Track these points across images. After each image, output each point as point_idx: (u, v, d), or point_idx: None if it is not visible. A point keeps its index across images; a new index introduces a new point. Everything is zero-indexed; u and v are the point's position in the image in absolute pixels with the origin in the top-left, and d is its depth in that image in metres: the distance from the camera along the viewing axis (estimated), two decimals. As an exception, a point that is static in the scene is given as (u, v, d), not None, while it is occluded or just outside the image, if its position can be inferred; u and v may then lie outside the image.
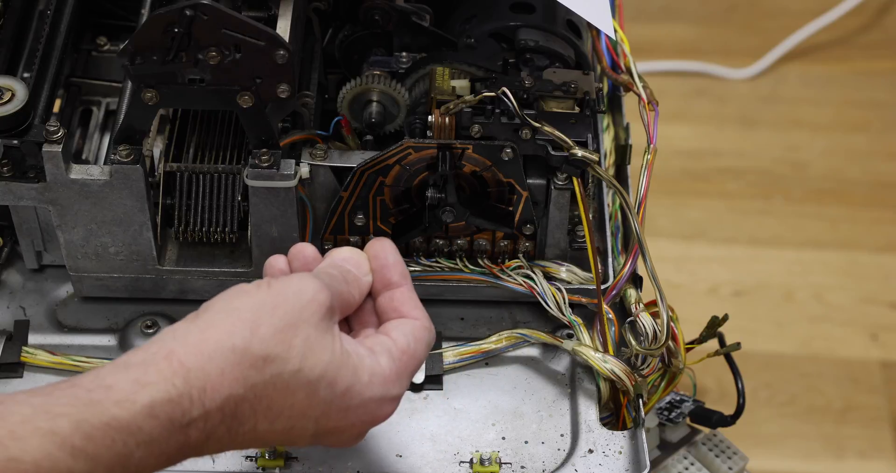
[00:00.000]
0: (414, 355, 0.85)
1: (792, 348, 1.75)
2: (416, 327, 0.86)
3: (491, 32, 1.08)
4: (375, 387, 0.82)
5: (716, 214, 1.89)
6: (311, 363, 0.80)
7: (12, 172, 1.00)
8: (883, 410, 1.69)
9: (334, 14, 1.11)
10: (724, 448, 1.15)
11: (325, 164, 1.02)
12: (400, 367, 0.84)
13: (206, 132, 1.05)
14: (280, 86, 0.97)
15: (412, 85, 1.07)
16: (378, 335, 0.86)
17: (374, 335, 0.86)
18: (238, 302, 0.81)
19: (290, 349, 0.79)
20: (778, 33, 2.08)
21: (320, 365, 0.80)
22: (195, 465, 0.98)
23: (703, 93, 2.04)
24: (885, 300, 1.80)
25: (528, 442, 1.00)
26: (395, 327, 0.86)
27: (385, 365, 0.83)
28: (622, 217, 1.10)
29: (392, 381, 0.83)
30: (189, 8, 0.93)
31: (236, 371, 0.77)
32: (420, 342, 0.86)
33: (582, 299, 1.04)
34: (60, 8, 1.09)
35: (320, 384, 0.80)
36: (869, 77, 2.06)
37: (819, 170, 1.94)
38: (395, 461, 0.99)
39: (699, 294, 1.80)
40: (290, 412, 0.80)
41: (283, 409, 0.80)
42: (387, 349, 0.84)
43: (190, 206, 1.03)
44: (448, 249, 1.06)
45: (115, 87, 1.12)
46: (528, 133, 1.00)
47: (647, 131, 1.04)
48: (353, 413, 0.82)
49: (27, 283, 1.09)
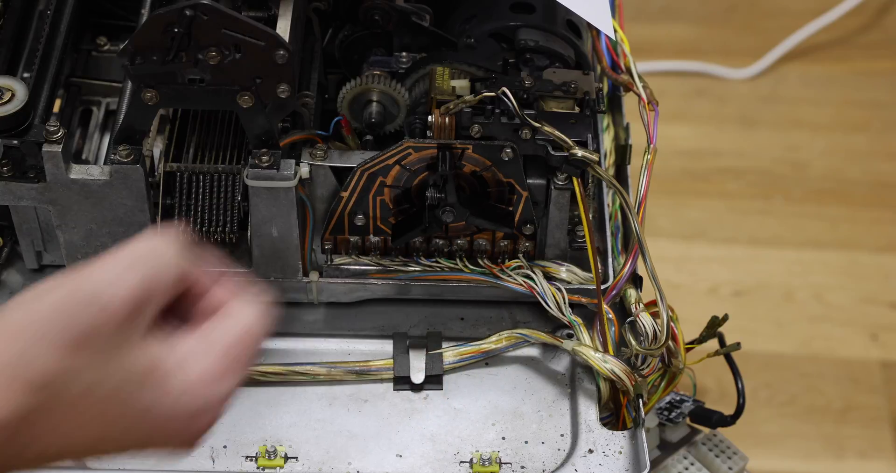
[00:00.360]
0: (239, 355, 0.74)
1: (792, 348, 1.75)
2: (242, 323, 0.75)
3: (491, 32, 1.08)
4: (184, 401, 0.73)
5: (716, 214, 1.89)
6: (104, 381, 0.70)
7: (12, 172, 1.00)
8: (883, 410, 1.69)
9: (334, 14, 1.11)
10: (724, 448, 1.14)
11: (325, 164, 1.02)
12: (219, 372, 0.74)
13: (206, 132, 1.05)
14: (280, 86, 0.97)
15: (412, 85, 1.07)
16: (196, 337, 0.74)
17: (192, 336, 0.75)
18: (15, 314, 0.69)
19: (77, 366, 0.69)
20: (778, 33, 2.08)
21: (109, 385, 0.70)
22: (195, 465, 0.98)
23: (703, 93, 2.04)
24: (885, 299, 1.80)
25: (528, 442, 1.00)
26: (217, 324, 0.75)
27: (196, 375, 0.73)
28: (622, 217, 1.10)
29: (206, 388, 0.73)
30: (189, 8, 0.93)
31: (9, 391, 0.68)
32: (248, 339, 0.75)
33: (582, 299, 1.04)
34: (60, 8, 1.09)
35: (112, 403, 0.71)
36: (869, 77, 2.06)
37: (819, 170, 1.94)
38: (395, 461, 0.99)
39: (699, 294, 1.80)
40: (85, 431, 0.71)
41: (76, 427, 0.71)
42: (204, 352, 0.74)
43: (190, 206, 1.03)
44: (448, 249, 1.06)
45: (115, 87, 1.12)
46: (528, 133, 1.00)
47: (647, 131, 1.04)
48: (161, 431, 0.73)
49: (27, 283, 1.08)
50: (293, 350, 1.05)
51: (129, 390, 0.70)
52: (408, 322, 1.07)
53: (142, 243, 0.72)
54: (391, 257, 1.06)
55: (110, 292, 0.70)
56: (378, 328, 1.07)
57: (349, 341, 1.06)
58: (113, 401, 0.70)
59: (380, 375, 1.03)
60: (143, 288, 0.71)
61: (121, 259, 0.71)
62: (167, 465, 0.99)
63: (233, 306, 0.75)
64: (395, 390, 1.03)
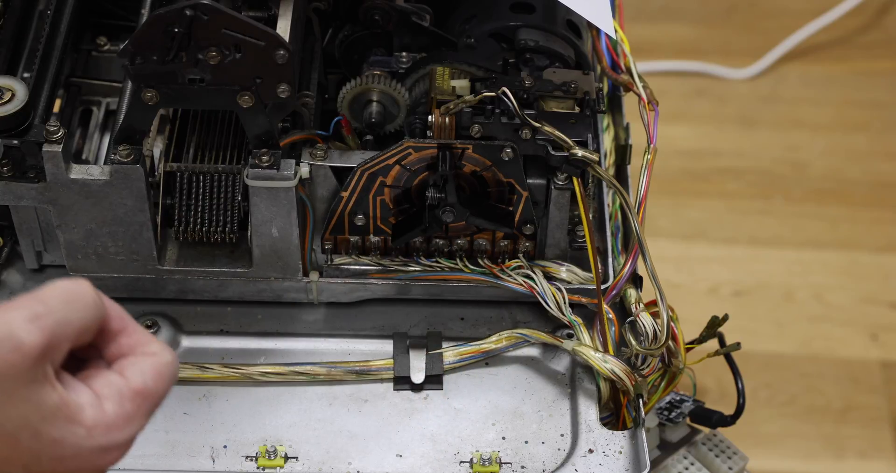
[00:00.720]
0: (151, 394, 0.76)
1: (792, 348, 1.75)
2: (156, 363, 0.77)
3: (491, 32, 1.08)
4: (94, 437, 0.74)
5: (716, 214, 1.89)
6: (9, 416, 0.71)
7: (12, 172, 1.00)
8: (883, 410, 1.69)
9: (334, 14, 1.11)
10: (724, 448, 1.15)
11: (325, 164, 1.02)
12: (131, 410, 0.75)
13: (206, 132, 1.05)
14: (280, 86, 0.97)
15: (412, 85, 1.07)
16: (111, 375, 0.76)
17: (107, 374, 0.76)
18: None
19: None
20: (778, 33, 2.08)
21: (19, 418, 0.71)
22: (195, 465, 0.98)
23: (703, 93, 2.04)
24: (885, 299, 1.80)
25: (529, 442, 1.00)
26: (132, 363, 0.76)
27: (110, 412, 0.75)
28: (622, 217, 1.10)
29: (118, 428, 0.75)
30: (189, 8, 0.93)
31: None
32: (161, 380, 0.76)
33: (582, 299, 1.04)
34: (60, 8, 1.09)
35: (22, 435, 0.72)
36: (869, 77, 2.06)
37: (819, 170, 1.94)
38: (395, 461, 0.99)
39: (699, 294, 1.80)
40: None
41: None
42: (117, 392, 0.75)
43: (190, 206, 1.03)
44: (448, 249, 1.06)
45: (115, 87, 1.12)
46: (528, 133, 1.00)
47: (647, 131, 1.04)
48: (69, 462, 0.74)
49: (27, 283, 1.09)
50: (293, 350, 1.05)
51: (39, 424, 0.72)
52: (408, 322, 1.07)
53: (57, 286, 0.73)
54: (391, 257, 1.06)
55: (24, 332, 0.70)
56: (378, 328, 1.07)
57: (349, 341, 1.06)
58: (22, 432, 0.71)
59: (380, 375, 1.03)
60: (56, 330, 0.72)
61: (37, 301, 0.72)
62: (167, 465, 0.99)
63: (147, 348, 0.76)
64: (396, 390, 1.03)
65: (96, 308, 0.74)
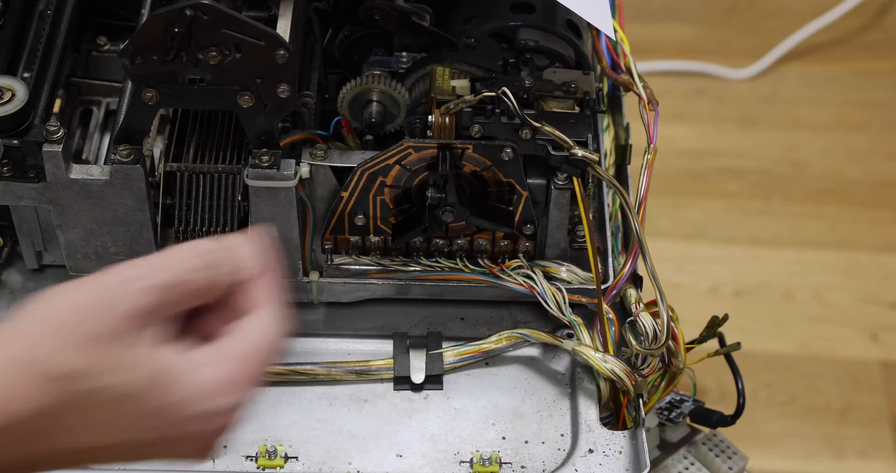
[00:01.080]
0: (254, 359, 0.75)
1: (792, 348, 1.75)
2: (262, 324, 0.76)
3: (491, 32, 1.08)
4: (195, 404, 0.73)
5: (716, 214, 1.89)
6: (116, 381, 0.71)
7: (12, 172, 1.00)
8: (883, 410, 1.69)
9: (334, 14, 1.11)
10: (724, 447, 1.15)
11: (325, 164, 1.02)
12: (234, 376, 0.74)
13: (206, 132, 1.05)
14: (280, 86, 0.97)
15: (412, 85, 1.07)
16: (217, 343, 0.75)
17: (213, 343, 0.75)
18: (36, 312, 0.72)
19: (90, 365, 0.70)
20: (778, 33, 2.08)
21: (126, 384, 0.71)
22: (195, 465, 0.98)
23: (703, 93, 2.04)
24: (885, 299, 1.80)
25: (529, 442, 1.00)
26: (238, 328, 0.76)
27: (209, 379, 0.74)
28: (622, 217, 1.10)
29: (219, 394, 0.74)
30: (189, 8, 0.93)
31: (26, 387, 0.70)
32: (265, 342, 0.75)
33: (582, 299, 1.04)
34: (60, 8, 1.09)
35: (126, 402, 0.71)
36: (869, 77, 2.06)
37: (819, 170, 1.94)
38: (395, 461, 0.99)
39: (699, 294, 1.80)
40: (96, 431, 0.72)
41: (85, 428, 0.72)
42: (218, 359, 0.74)
43: (190, 206, 1.03)
44: (448, 249, 1.06)
45: (115, 87, 1.12)
46: (528, 133, 1.00)
47: (647, 131, 1.04)
48: (175, 429, 0.74)
49: (27, 283, 1.09)
50: (293, 350, 1.05)
51: (140, 391, 0.71)
52: (408, 322, 1.07)
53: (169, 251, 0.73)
54: (391, 257, 1.06)
55: (131, 296, 0.71)
56: (378, 327, 1.07)
57: (349, 341, 1.06)
58: (125, 401, 0.71)
59: (380, 375, 1.03)
60: (163, 294, 0.72)
61: (144, 265, 0.73)
62: (167, 465, 0.99)
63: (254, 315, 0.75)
64: (396, 390, 1.03)
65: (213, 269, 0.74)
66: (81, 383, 0.70)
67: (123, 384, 0.71)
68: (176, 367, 0.72)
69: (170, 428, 0.73)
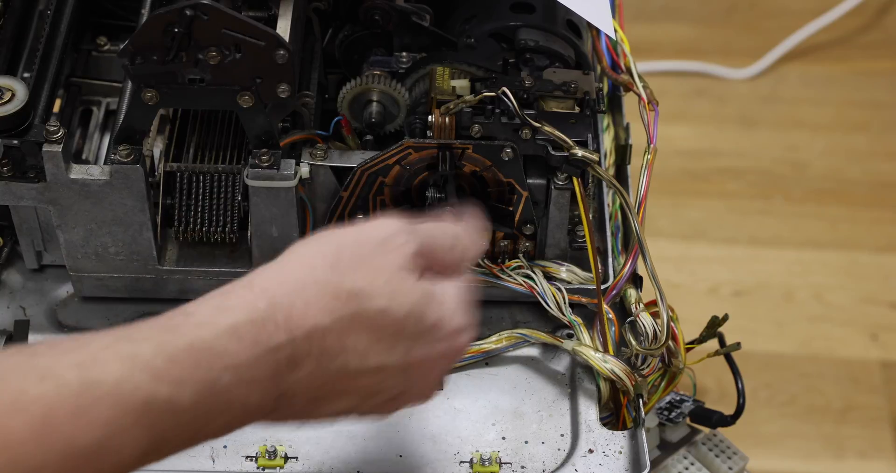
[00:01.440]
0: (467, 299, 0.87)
1: (792, 348, 1.75)
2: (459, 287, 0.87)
3: (491, 32, 1.08)
4: (457, 316, 0.83)
5: (716, 214, 1.89)
6: (398, 303, 0.80)
7: (12, 172, 1.00)
8: (883, 410, 1.69)
9: (334, 14, 1.11)
10: (724, 448, 1.15)
11: (325, 164, 1.02)
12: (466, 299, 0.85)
13: (206, 132, 1.05)
14: (280, 86, 0.97)
15: (412, 85, 1.07)
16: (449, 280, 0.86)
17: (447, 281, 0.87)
18: (319, 242, 0.81)
19: (374, 287, 0.79)
20: (778, 33, 2.08)
21: (406, 306, 0.80)
22: (195, 465, 0.98)
23: (703, 93, 2.04)
24: (885, 299, 1.80)
25: (528, 442, 1.00)
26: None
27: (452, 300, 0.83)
28: (622, 217, 1.10)
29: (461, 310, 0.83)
30: (189, 8, 0.93)
31: (321, 303, 0.77)
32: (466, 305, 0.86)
33: (582, 299, 1.04)
34: (60, 8, 1.09)
35: (408, 321, 0.80)
36: (869, 77, 2.06)
37: (819, 170, 1.94)
38: (396, 461, 0.99)
39: (699, 294, 1.80)
40: (378, 348, 0.80)
41: (371, 345, 0.79)
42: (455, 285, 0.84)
43: (190, 206, 1.03)
44: (448, 249, 1.06)
45: (115, 87, 1.12)
46: (528, 133, 1.00)
47: (647, 131, 1.04)
48: (439, 344, 0.82)
49: (27, 283, 1.09)
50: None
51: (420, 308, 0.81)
52: (408, 322, 1.07)
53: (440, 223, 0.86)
54: (391, 257, 1.06)
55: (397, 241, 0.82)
56: (378, 328, 1.07)
57: (349, 341, 1.06)
58: (408, 320, 0.81)
59: (380, 375, 1.03)
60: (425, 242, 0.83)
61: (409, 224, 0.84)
62: (167, 465, 0.99)
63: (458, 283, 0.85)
64: (395, 390, 1.03)
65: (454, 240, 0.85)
66: (369, 302, 0.79)
67: (405, 307, 0.80)
68: (435, 291, 0.83)
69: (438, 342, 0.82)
